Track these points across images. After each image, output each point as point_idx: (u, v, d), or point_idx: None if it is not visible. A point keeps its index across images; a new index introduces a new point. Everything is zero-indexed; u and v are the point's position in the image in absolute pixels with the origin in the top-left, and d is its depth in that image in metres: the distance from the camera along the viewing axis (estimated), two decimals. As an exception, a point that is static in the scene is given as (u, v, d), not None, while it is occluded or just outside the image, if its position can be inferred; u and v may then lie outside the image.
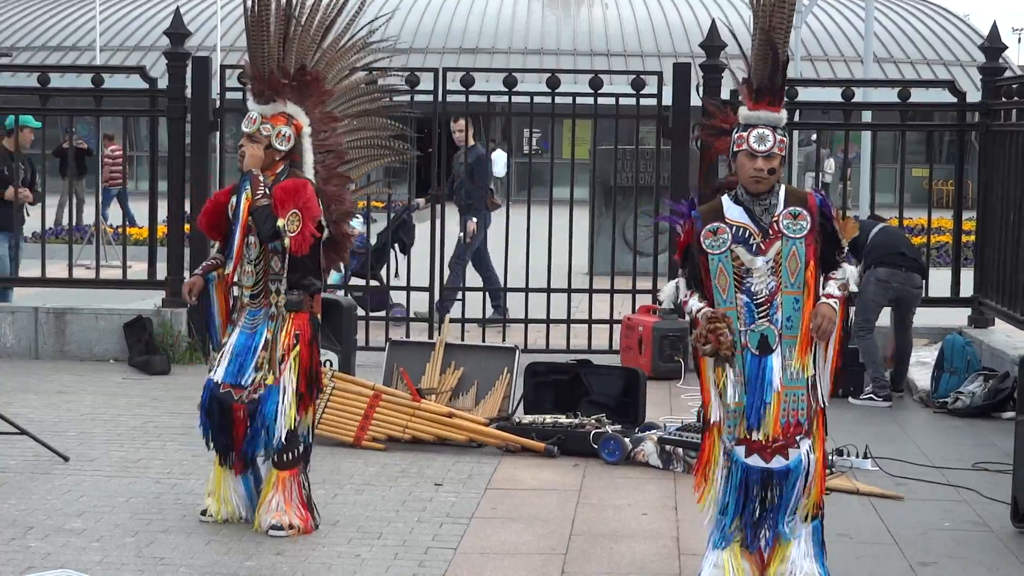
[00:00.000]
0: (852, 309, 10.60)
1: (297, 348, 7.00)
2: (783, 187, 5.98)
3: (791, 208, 5.90)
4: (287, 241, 6.87)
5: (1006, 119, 11.90)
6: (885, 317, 11.15)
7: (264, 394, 6.99)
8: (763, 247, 5.88)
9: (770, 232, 5.88)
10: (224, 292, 7.21)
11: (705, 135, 6.27)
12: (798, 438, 5.86)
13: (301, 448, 7.10)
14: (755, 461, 5.88)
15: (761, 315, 5.87)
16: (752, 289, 5.88)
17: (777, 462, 5.86)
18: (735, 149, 5.93)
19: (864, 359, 10.81)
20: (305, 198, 6.90)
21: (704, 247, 5.93)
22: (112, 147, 24.23)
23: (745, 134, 5.90)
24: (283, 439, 6.97)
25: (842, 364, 6.03)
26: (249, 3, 7.05)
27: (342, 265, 8.63)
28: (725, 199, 5.99)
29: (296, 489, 7.06)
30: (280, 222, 6.85)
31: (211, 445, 7.17)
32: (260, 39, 7.05)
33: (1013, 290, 11.27)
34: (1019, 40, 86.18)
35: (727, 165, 6.18)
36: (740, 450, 5.90)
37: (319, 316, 7.18)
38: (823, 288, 5.92)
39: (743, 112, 5.98)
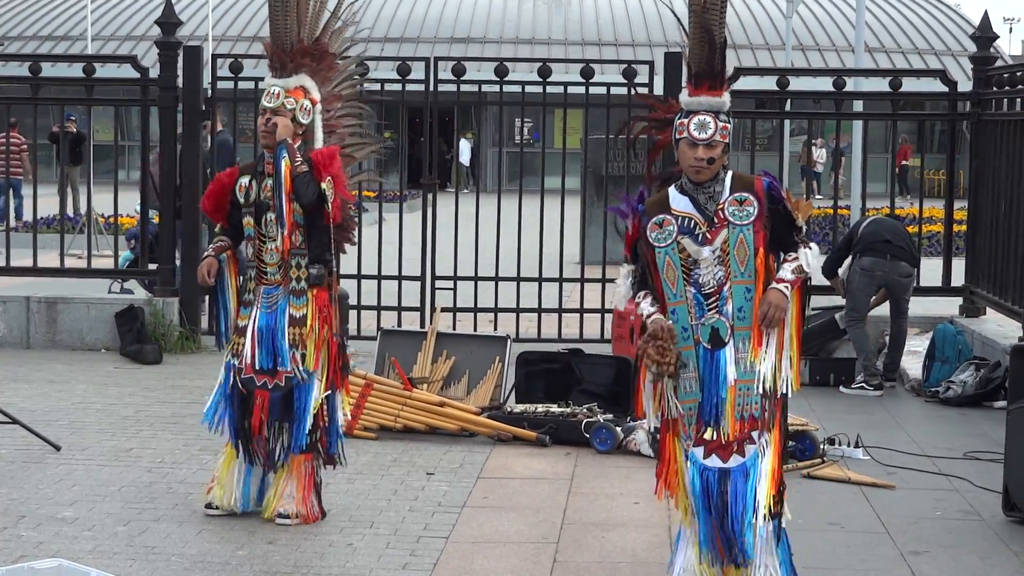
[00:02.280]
0: (818, 296, 10.57)
1: (327, 330, 7.02)
2: (730, 173, 5.74)
3: (736, 194, 5.66)
4: (328, 206, 6.91)
5: (997, 108, 11.91)
6: (884, 307, 11.18)
7: (296, 381, 6.98)
8: (709, 236, 5.65)
9: (715, 220, 5.65)
10: (235, 272, 7.20)
11: (649, 130, 6.02)
12: (754, 434, 5.63)
13: (317, 432, 7.11)
14: (713, 462, 5.64)
15: (711, 307, 5.65)
16: (700, 280, 5.66)
17: (734, 461, 5.63)
18: (677, 136, 5.70)
19: (855, 348, 10.84)
20: (338, 166, 6.96)
21: (651, 240, 5.71)
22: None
23: (686, 121, 5.66)
24: (308, 426, 7.00)
25: (804, 351, 5.76)
26: None
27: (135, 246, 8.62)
28: (671, 190, 5.77)
29: (310, 474, 7.07)
30: (324, 186, 6.88)
31: (228, 432, 7.12)
32: (284, 11, 7.05)
33: (1004, 279, 11.28)
34: (1010, 30, 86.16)
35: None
36: (698, 451, 5.67)
37: (337, 295, 7.19)
38: (776, 273, 5.69)
39: (683, 98, 5.75)
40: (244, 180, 7.10)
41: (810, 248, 5.72)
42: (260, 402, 6.99)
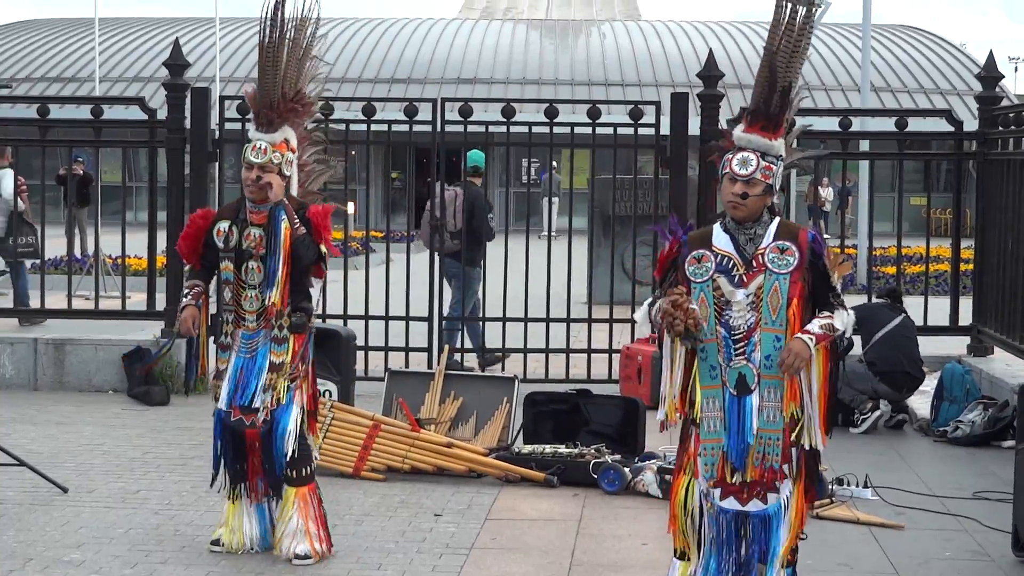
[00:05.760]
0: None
1: (306, 368, 7.14)
2: (777, 220, 5.70)
3: (779, 242, 5.63)
4: (325, 265, 7.08)
5: (1003, 148, 11.92)
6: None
7: (277, 414, 7.02)
8: (745, 279, 5.62)
9: (754, 264, 5.62)
10: (205, 320, 7.30)
11: (717, 158, 5.91)
12: (777, 483, 5.62)
13: (314, 464, 7.17)
14: (731, 504, 5.65)
15: (739, 351, 5.61)
16: (731, 323, 5.61)
17: (754, 506, 5.63)
18: (722, 172, 5.70)
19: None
20: (329, 223, 7.06)
21: (688, 274, 5.68)
22: None
23: (732, 156, 5.67)
24: (295, 452, 7.01)
25: (830, 407, 5.67)
26: (265, 34, 7.11)
27: None
28: (716, 227, 5.75)
29: (316, 506, 7.10)
30: (323, 249, 7.01)
31: (224, 477, 7.17)
32: (274, 69, 7.11)
33: (1012, 318, 11.27)
34: (1015, 69, 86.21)
35: None
36: (716, 492, 5.68)
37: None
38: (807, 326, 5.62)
39: (735, 133, 5.74)
40: (223, 225, 7.15)
41: (846, 311, 5.68)
42: (252, 442, 7.05)
